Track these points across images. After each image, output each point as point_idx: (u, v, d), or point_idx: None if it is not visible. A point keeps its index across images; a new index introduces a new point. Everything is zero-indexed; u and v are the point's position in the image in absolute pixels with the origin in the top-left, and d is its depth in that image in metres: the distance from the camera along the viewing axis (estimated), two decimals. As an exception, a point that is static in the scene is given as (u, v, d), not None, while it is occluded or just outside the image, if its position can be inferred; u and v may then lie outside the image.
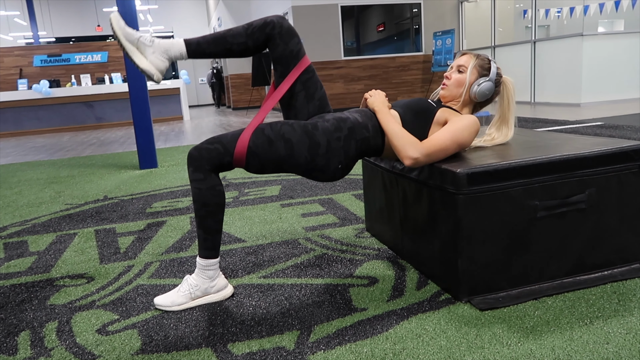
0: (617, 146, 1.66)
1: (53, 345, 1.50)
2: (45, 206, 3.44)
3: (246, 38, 1.70)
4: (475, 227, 1.56)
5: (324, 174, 1.69)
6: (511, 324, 1.44)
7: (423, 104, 1.78)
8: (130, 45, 1.67)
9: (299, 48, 1.76)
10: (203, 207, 1.62)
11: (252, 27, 1.71)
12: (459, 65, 1.84)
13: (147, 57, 1.68)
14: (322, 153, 1.64)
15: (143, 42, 1.67)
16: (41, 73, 13.16)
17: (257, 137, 1.61)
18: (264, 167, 1.65)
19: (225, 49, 1.72)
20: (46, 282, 2.02)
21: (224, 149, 1.60)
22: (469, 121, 1.69)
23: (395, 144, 1.65)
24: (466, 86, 1.81)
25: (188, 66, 20.69)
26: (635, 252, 1.73)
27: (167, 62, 1.71)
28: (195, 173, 1.61)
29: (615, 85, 8.06)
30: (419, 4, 10.78)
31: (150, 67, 1.67)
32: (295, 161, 1.63)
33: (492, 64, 1.83)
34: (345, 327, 1.49)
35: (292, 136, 1.62)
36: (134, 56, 1.66)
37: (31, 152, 7.13)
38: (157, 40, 1.69)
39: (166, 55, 1.69)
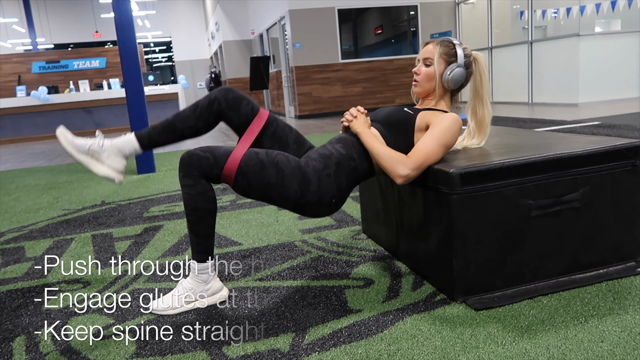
0: (610, 144, 1.66)
1: (48, 350, 1.49)
2: (43, 212, 3.44)
3: (195, 121, 1.72)
4: (470, 227, 1.56)
5: (318, 209, 1.68)
6: (506, 324, 1.44)
7: (400, 114, 1.76)
8: (83, 156, 1.68)
9: (251, 108, 1.75)
10: (193, 212, 1.62)
11: (200, 109, 1.72)
12: (425, 58, 1.79)
13: (104, 162, 1.69)
14: (312, 190, 1.63)
15: (94, 150, 1.68)
16: (40, 79, 13.17)
17: (249, 159, 1.60)
18: (251, 190, 1.62)
19: (177, 135, 1.73)
20: (42, 288, 2.01)
21: (214, 161, 1.58)
22: (450, 121, 1.67)
23: (384, 165, 1.65)
24: (437, 79, 1.76)
25: (186, 71, 20.71)
26: (630, 250, 1.73)
27: (124, 161, 1.72)
28: (185, 178, 1.60)
29: (612, 84, 8.07)
30: (415, 6, 10.81)
31: (108, 172, 1.69)
32: (284, 193, 1.61)
33: (458, 47, 1.76)
34: (340, 328, 1.49)
35: (285, 167, 1.62)
36: (90, 166, 1.68)
37: (30, 159, 7.13)
38: (107, 143, 1.70)
39: (121, 154, 1.71)
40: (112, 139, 1.72)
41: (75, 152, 1.67)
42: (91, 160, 1.69)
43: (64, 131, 1.69)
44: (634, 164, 1.68)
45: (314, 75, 10.38)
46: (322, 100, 10.52)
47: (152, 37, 21.07)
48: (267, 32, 12.93)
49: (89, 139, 1.71)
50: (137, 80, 4.66)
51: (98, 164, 1.69)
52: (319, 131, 7.51)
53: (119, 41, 4.57)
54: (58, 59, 13.45)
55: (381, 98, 10.57)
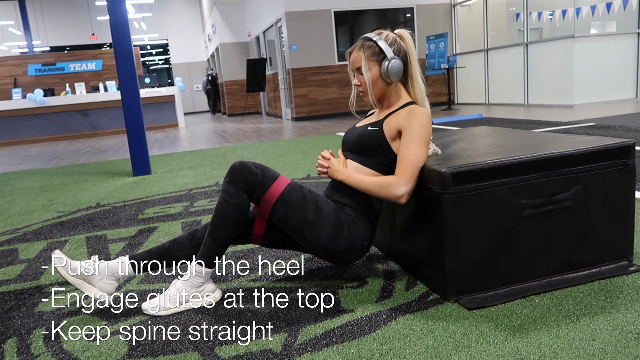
0: (602, 144, 1.67)
1: (40, 351, 1.49)
2: (37, 214, 3.43)
3: (192, 250, 1.73)
4: (462, 227, 1.56)
5: (350, 255, 1.70)
6: (498, 323, 1.44)
7: (366, 136, 1.74)
8: (75, 279, 1.70)
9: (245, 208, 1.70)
10: (222, 219, 1.62)
11: (197, 239, 1.73)
12: (357, 68, 1.74)
13: (96, 284, 1.71)
14: (345, 235, 1.65)
15: (86, 273, 1.70)
16: (36, 82, 13.15)
17: (293, 190, 1.63)
18: (287, 220, 1.63)
19: (172, 262, 1.74)
20: (35, 290, 2.01)
21: (261, 181, 1.61)
22: (421, 118, 1.65)
23: (379, 195, 1.66)
24: (376, 82, 1.71)
25: (183, 73, 20.71)
26: (622, 249, 1.74)
27: (115, 283, 1.74)
28: (230, 185, 1.62)
29: (608, 86, 8.10)
30: (411, 8, 10.83)
31: (97, 293, 1.70)
32: (318, 233, 1.63)
33: (379, 41, 1.69)
34: (333, 328, 1.48)
35: (324, 207, 1.64)
36: (81, 288, 1.70)
37: (25, 161, 7.11)
38: (102, 266, 1.71)
39: (114, 277, 1.73)
40: (107, 262, 1.73)
41: (69, 276, 1.70)
42: (83, 284, 1.71)
43: (59, 255, 1.71)
44: (625, 163, 1.68)
45: (311, 77, 10.40)
46: (318, 102, 10.53)
47: (149, 39, 21.07)
48: (264, 35, 12.94)
49: (83, 262, 1.71)
50: (133, 83, 4.65)
51: (89, 286, 1.71)
52: (315, 133, 7.52)
53: (115, 43, 4.56)
54: (54, 62, 13.43)
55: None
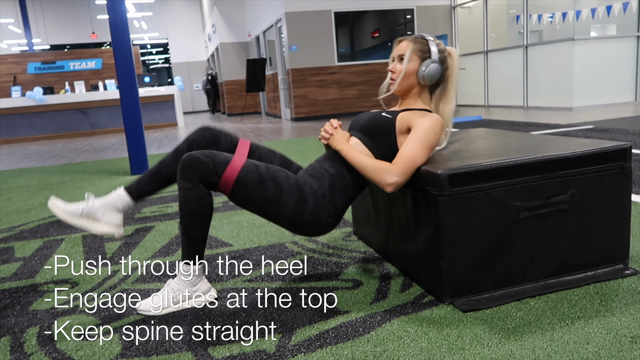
0: (598, 147, 1.67)
1: (33, 350, 1.48)
2: (34, 212, 3.42)
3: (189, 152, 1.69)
4: (458, 228, 1.56)
5: (312, 229, 1.68)
6: (493, 325, 1.44)
7: (379, 120, 1.75)
8: (79, 221, 1.68)
9: (229, 141, 1.77)
10: (188, 216, 1.61)
11: (181, 153, 1.73)
12: (399, 55, 1.79)
13: (101, 220, 1.70)
14: (309, 210, 1.62)
15: (88, 212, 1.68)
16: (35, 80, 13.15)
17: (248, 171, 1.59)
18: (248, 202, 1.62)
19: (164, 181, 1.74)
20: (30, 288, 2.00)
21: (213, 168, 1.58)
22: (431, 122, 1.66)
23: (370, 177, 1.64)
24: (411, 75, 1.75)
25: (183, 72, 20.70)
26: (618, 253, 1.73)
27: (120, 215, 1.73)
28: (183, 181, 1.60)
29: (607, 89, 8.11)
30: (411, 9, 10.84)
31: (107, 229, 1.69)
32: (280, 209, 1.61)
33: (431, 43, 1.76)
34: (327, 329, 1.48)
35: (284, 183, 1.61)
36: (89, 227, 1.69)
37: (23, 159, 7.10)
38: (97, 204, 1.70)
39: (115, 209, 1.71)
40: (103, 198, 1.73)
41: (70, 218, 1.68)
42: (88, 222, 1.69)
43: (56, 201, 1.70)
44: (622, 167, 1.68)
45: (310, 78, 10.39)
46: (318, 103, 10.53)
47: (149, 38, 21.06)
48: (264, 35, 12.94)
49: (80, 203, 1.71)
50: (132, 82, 4.65)
51: (95, 223, 1.69)
52: (314, 134, 7.51)
53: (114, 42, 4.56)
54: (54, 60, 13.43)
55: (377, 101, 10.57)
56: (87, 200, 1.72)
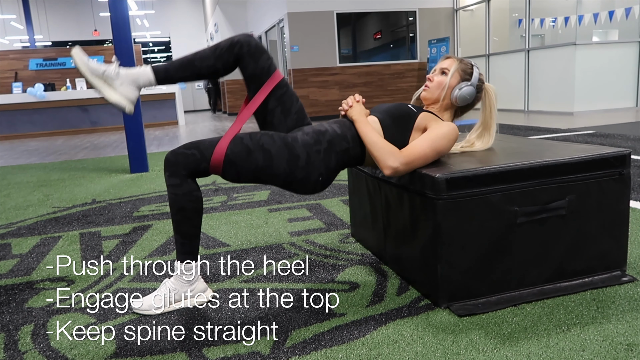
0: (597, 153, 1.66)
1: (27, 348, 1.48)
2: (33, 209, 3.42)
3: (214, 61, 1.68)
4: (455, 233, 1.55)
5: (304, 186, 1.67)
6: (488, 331, 1.43)
7: (403, 109, 1.77)
8: (97, 80, 1.63)
9: (269, 64, 1.74)
10: (179, 212, 1.61)
11: (220, 49, 1.68)
12: (442, 68, 1.85)
13: (116, 89, 1.65)
14: (301, 166, 1.62)
15: (109, 75, 1.64)
16: (36, 76, 13.14)
17: (235, 146, 1.59)
18: (241, 176, 1.63)
19: (194, 73, 1.70)
20: (26, 285, 1.99)
21: (200, 155, 1.57)
22: (448, 129, 1.68)
23: (375, 154, 1.64)
24: (447, 88, 1.81)
25: (185, 71, 20.67)
26: (616, 259, 1.73)
27: (137, 92, 1.68)
28: (172, 178, 1.59)
29: (608, 94, 8.10)
30: (414, 12, 10.84)
31: (120, 100, 1.65)
32: (273, 172, 1.61)
33: (475, 69, 1.84)
34: (323, 332, 1.48)
35: (271, 147, 1.61)
36: (103, 90, 1.63)
37: (23, 155, 7.10)
38: (122, 72, 1.66)
39: (135, 84, 1.67)
40: (128, 69, 1.67)
41: (89, 74, 1.61)
42: (104, 85, 1.63)
43: (79, 52, 1.62)
44: (620, 173, 1.67)
45: (312, 79, 10.39)
46: (319, 104, 10.52)
47: (151, 36, 21.04)
48: (266, 35, 12.95)
49: (104, 64, 1.65)
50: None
51: (110, 90, 1.64)
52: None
53: (115, 40, 4.56)
54: (55, 57, 13.42)
55: (378, 102, 10.58)
56: (113, 64, 1.66)
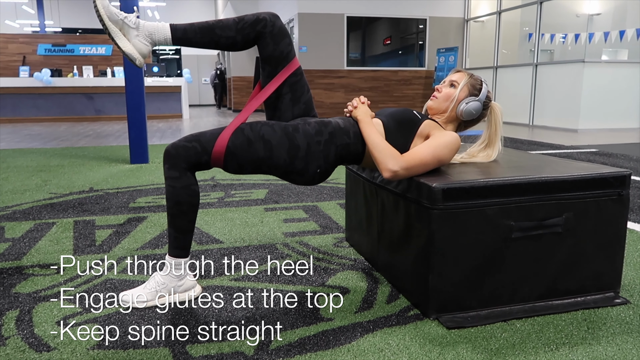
0: (597, 172, 1.65)
1: (10, 334, 1.47)
2: (30, 194, 3.41)
3: (236, 33, 1.65)
4: (448, 243, 1.53)
5: (302, 177, 1.66)
6: (476, 345, 1.41)
7: (408, 114, 1.76)
8: (114, 26, 1.60)
9: (289, 49, 1.72)
10: (175, 206, 1.59)
11: (244, 22, 1.65)
12: (452, 81, 1.84)
13: (131, 39, 1.62)
14: (301, 156, 1.61)
15: (127, 23, 1.61)
16: (44, 62, 13.15)
17: (236, 138, 1.58)
18: (243, 168, 1.62)
19: (212, 40, 1.66)
20: (15, 270, 1.98)
21: (201, 148, 1.57)
22: (451, 138, 1.67)
23: (376, 155, 1.63)
24: (454, 101, 1.80)
25: (192, 65, 20.72)
26: (609, 281, 1.71)
27: (150, 47, 1.65)
28: (171, 171, 1.58)
29: (614, 113, 8.08)
30: (424, 19, 10.83)
31: (132, 51, 1.61)
32: (274, 163, 1.61)
33: (484, 85, 1.84)
34: (309, 336, 1.46)
35: (271, 137, 1.60)
36: (117, 38, 1.60)
37: (25, 140, 7.10)
38: (142, 23, 1.63)
39: (150, 39, 1.63)
40: (146, 22, 1.64)
41: (107, 19, 1.58)
42: (119, 34, 1.60)
43: None
44: (619, 194, 1.66)
45: (318, 80, 10.39)
46: (323, 106, 10.52)
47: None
48: (275, 34, 12.93)
49: (124, 12, 1.62)
50: (138, 71, 4.64)
51: (125, 39, 1.61)
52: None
53: (123, 29, 4.55)
54: (64, 43, 13.43)
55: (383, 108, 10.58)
56: (133, 14, 1.64)
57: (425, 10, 10.76)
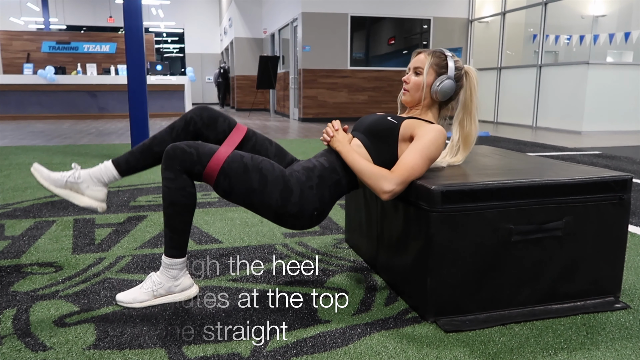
0: (598, 176, 1.63)
1: (6, 332, 1.46)
2: (31, 191, 3.42)
3: (172, 142, 1.68)
4: (447, 246, 1.53)
5: (298, 220, 1.65)
6: (474, 349, 1.40)
7: (384, 123, 1.72)
8: (62, 190, 1.65)
9: (227, 124, 1.75)
10: (171, 206, 1.59)
11: (176, 130, 1.70)
12: (415, 67, 1.77)
13: (84, 192, 1.67)
14: (294, 201, 1.60)
15: (72, 182, 1.66)
16: (48, 59, 13.20)
17: (233, 160, 1.58)
18: (232, 192, 1.59)
19: (155, 159, 1.71)
20: (14, 268, 1.98)
21: (197, 158, 1.56)
22: (434, 134, 1.63)
23: (367, 182, 1.62)
24: (424, 88, 1.74)
25: (196, 63, 20.73)
26: (610, 285, 1.70)
27: (105, 189, 1.70)
28: (167, 171, 1.58)
29: (618, 115, 8.04)
30: (429, 20, 10.80)
31: (90, 203, 1.66)
32: (265, 199, 1.58)
33: (449, 59, 1.74)
34: (305, 338, 1.45)
35: (269, 173, 1.59)
36: (71, 199, 1.66)
37: (28, 137, 7.11)
38: (84, 174, 1.67)
39: (100, 183, 1.68)
40: (89, 170, 1.69)
41: (53, 187, 1.64)
42: (71, 193, 1.66)
43: (39, 167, 1.67)
44: (621, 198, 1.64)
45: (321, 80, 10.38)
46: (327, 105, 10.51)
47: (165, 27, 21.08)
48: (279, 33, 12.94)
49: (65, 172, 1.68)
50: (140, 69, 4.64)
51: (78, 195, 1.66)
52: (319, 135, 7.48)
53: (126, 28, 4.56)
54: (69, 40, 13.48)
55: (386, 108, 10.56)
56: (73, 170, 1.68)
57: (429, 11, 10.73)
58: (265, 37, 14.84)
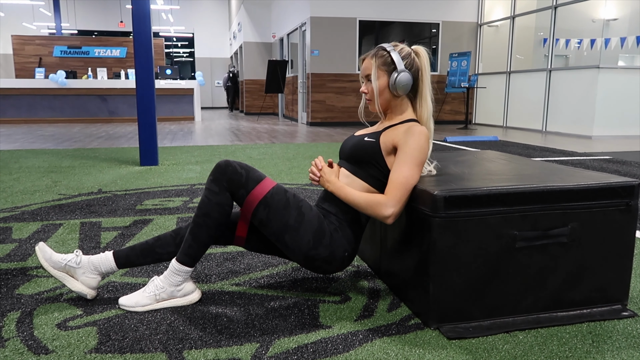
0: (604, 181, 1.61)
1: (10, 335, 1.47)
2: (39, 194, 3.45)
3: (175, 248, 1.71)
4: (450, 252, 1.51)
5: (330, 265, 1.67)
6: (477, 357, 1.39)
7: (362, 147, 1.69)
8: (59, 272, 1.68)
9: None
10: (203, 217, 1.61)
11: (180, 237, 1.71)
12: (366, 75, 1.73)
13: (79, 278, 1.69)
14: (325, 244, 1.62)
15: (71, 266, 1.68)
16: (60, 63, 13.35)
17: (277, 193, 1.61)
18: (268, 224, 1.61)
19: (154, 259, 1.73)
20: (19, 271, 2.00)
21: (245, 181, 1.59)
22: (418, 138, 1.60)
23: (367, 212, 1.62)
24: (382, 92, 1.69)
25: (206, 68, 20.86)
26: (616, 292, 1.67)
27: (98, 278, 1.72)
28: (213, 184, 1.61)
29: (628, 120, 7.96)
30: (437, 24, 10.78)
31: (81, 288, 1.69)
32: (298, 238, 1.60)
33: (393, 53, 1.67)
34: (307, 343, 1.44)
35: (306, 213, 1.62)
36: (65, 282, 1.68)
37: (39, 140, 7.19)
38: (84, 260, 1.70)
39: (97, 272, 1.70)
40: (90, 257, 1.72)
41: (51, 268, 1.68)
42: (66, 277, 1.69)
43: (44, 247, 1.70)
44: (628, 204, 1.62)
45: (330, 84, 10.39)
46: (335, 109, 10.51)
47: (175, 31, 21.26)
48: (288, 37, 12.98)
49: (67, 256, 1.70)
50: (149, 74, 4.67)
51: (72, 280, 1.69)
52: (327, 139, 7.49)
53: (134, 32, 4.59)
54: (80, 45, 13.62)
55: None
56: (75, 255, 1.71)
57: (438, 15, 10.71)
58: (274, 42, 14.89)
